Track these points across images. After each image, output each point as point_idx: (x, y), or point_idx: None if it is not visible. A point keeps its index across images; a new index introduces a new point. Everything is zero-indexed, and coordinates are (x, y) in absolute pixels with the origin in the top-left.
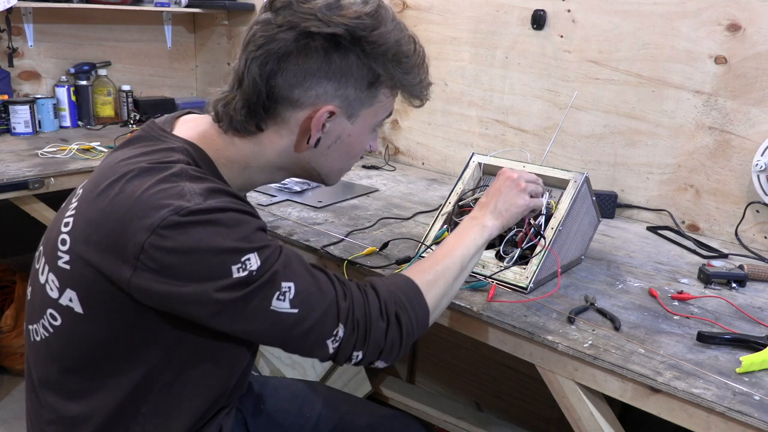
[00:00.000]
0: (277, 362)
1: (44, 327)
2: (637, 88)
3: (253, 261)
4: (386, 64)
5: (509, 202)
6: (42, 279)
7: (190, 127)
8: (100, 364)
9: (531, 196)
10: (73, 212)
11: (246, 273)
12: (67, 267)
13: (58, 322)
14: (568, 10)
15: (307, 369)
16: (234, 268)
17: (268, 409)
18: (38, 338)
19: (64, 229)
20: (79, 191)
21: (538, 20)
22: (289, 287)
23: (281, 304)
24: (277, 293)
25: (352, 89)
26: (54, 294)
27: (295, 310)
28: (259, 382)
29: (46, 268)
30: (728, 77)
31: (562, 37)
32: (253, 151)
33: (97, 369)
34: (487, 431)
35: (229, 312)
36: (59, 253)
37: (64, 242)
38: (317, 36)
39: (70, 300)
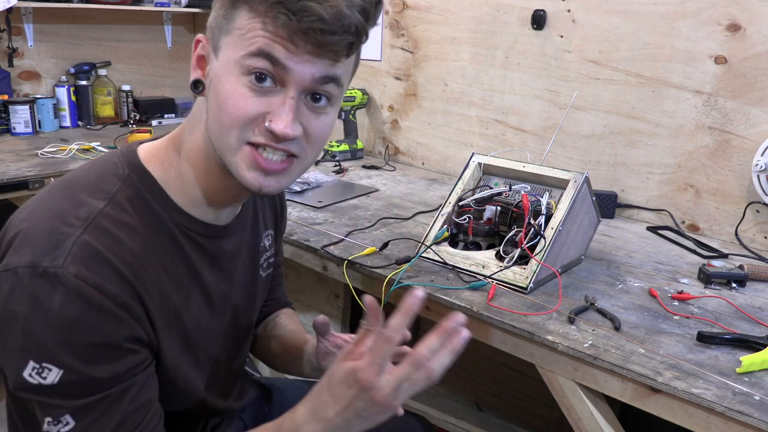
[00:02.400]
0: None
1: None
2: (637, 88)
3: (52, 376)
4: None
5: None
6: None
7: (155, 143)
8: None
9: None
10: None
11: (35, 383)
12: None
13: None
14: (568, 10)
15: None
16: (28, 367)
17: (273, 411)
18: None
19: None
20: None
21: (538, 20)
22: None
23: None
24: (51, 419)
25: (215, 13)
26: None
27: None
28: (264, 384)
29: None
30: (728, 77)
31: (562, 37)
32: (201, 135)
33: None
34: (487, 431)
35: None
36: None
37: None
38: None
39: None
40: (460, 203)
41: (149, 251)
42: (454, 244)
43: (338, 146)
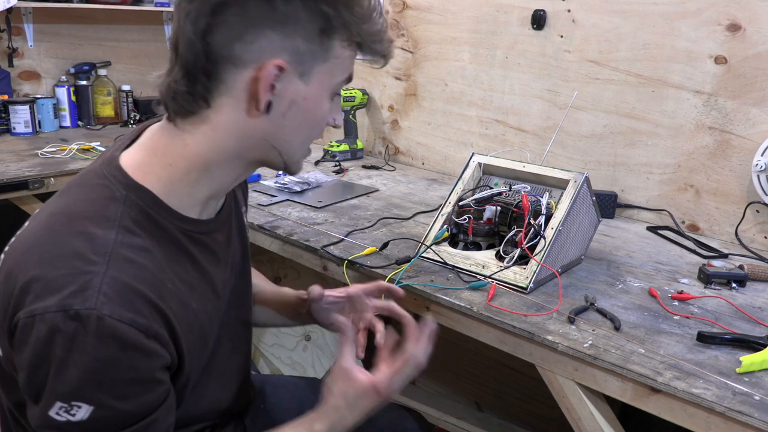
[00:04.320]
0: (277, 362)
1: None
2: (637, 88)
3: (82, 413)
4: (337, 7)
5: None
6: None
7: (137, 156)
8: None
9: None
10: (2, 255)
11: (63, 420)
12: None
13: None
14: (568, 10)
15: (307, 368)
16: (55, 406)
17: (268, 407)
18: None
19: None
20: (17, 234)
21: (538, 20)
22: None
23: None
24: None
25: (301, 39)
26: None
27: None
28: (259, 381)
29: None
30: (728, 77)
31: (562, 37)
32: (208, 140)
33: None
34: (487, 431)
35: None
36: None
37: None
38: None
39: None
40: (460, 203)
41: (163, 266)
42: (454, 244)
43: (338, 146)
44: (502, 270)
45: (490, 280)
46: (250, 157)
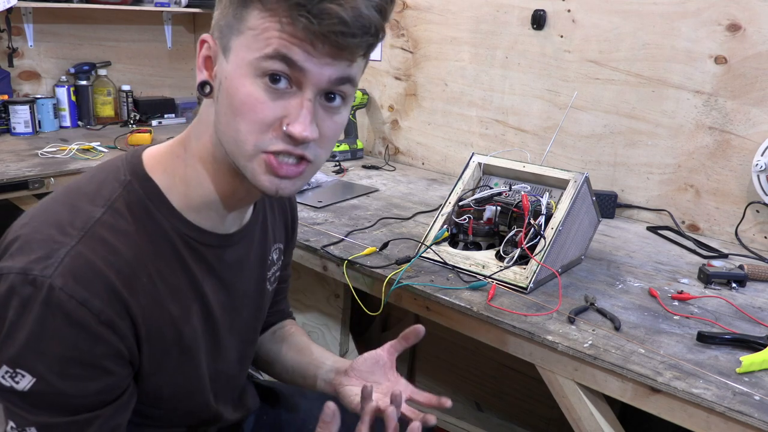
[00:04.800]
0: None
1: None
2: (637, 88)
3: (24, 382)
4: None
5: None
6: None
7: (161, 148)
8: None
9: None
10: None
11: (8, 385)
12: None
13: None
14: (568, 10)
15: None
16: (1, 370)
17: (269, 417)
18: None
19: None
20: None
21: (538, 20)
22: None
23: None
24: (15, 425)
25: (223, 13)
26: None
27: None
28: (265, 387)
29: None
30: (728, 77)
31: (562, 37)
32: (198, 138)
33: None
34: (487, 431)
35: None
36: None
37: None
38: None
39: None
40: (460, 203)
41: (144, 258)
42: (454, 244)
43: (338, 146)
44: (502, 270)
45: (490, 280)
46: (221, 159)
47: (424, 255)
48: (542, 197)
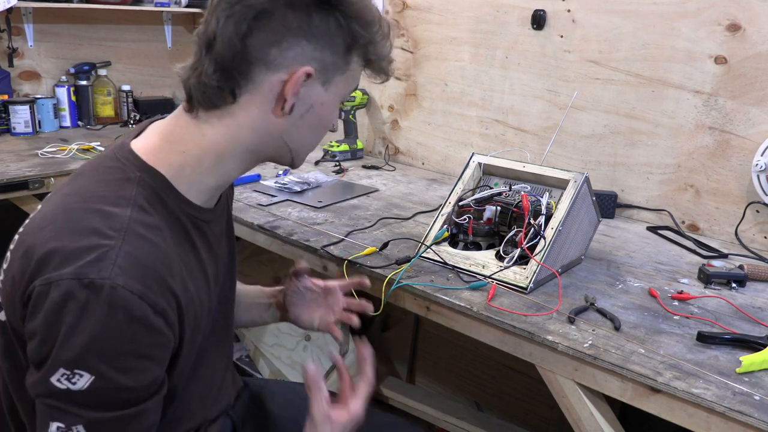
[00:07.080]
0: (277, 362)
1: None
2: (637, 88)
3: (83, 381)
4: (365, 28)
5: None
6: None
7: (150, 142)
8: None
9: None
10: (17, 236)
11: (63, 387)
12: (1, 285)
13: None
14: (568, 10)
15: None
16: (58, 373)
17: (263, 414)
18: None
19: (11, 246)
20: (31, 216)
21: (538, 20)
22: None
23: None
24: (62, 425)
25: (329, 51)
26: None
27: None
28: (256, 386)
29: None
30: (728, 77)
31: (562, 37)
32: (227, 132)
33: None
34: (487, 431)
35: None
36: (2, 270)
37: (5, 260)
38: None
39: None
40: (460, 203)
41: (172, 246)
42: (454, 244)
43: (338, 146)
44: (502, 270)
45: (490, 280)
46: (262, 151)
47: (424, 255)
48: (542, 197)
